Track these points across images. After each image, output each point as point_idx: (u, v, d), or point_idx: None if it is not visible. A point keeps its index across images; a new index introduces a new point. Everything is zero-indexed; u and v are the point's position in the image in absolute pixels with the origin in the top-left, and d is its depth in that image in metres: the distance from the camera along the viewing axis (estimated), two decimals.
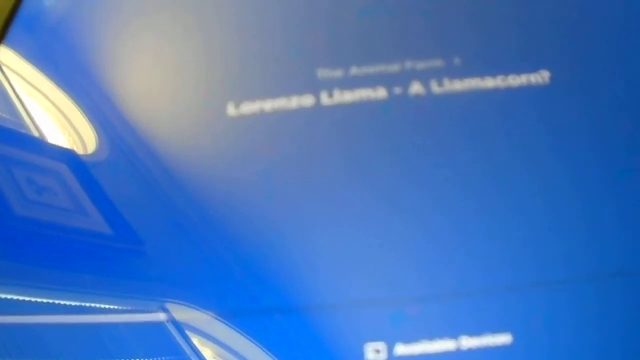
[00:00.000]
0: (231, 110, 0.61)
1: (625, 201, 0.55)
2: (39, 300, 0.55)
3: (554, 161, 0.57)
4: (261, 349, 0.51)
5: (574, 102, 0.60)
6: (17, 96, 0.67)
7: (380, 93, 0.60)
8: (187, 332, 0.52)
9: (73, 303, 0.54)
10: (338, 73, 0.62)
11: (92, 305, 0.54)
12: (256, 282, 0.53)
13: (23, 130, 0.65)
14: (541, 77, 0.61)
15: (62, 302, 0.54)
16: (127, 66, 0.67)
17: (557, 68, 0.61)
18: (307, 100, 0.61)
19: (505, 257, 0.52)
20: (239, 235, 0.56)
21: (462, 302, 0.51)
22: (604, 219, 0.54)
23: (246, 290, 0.53)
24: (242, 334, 0.52)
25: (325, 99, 0.60)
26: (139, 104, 0.64)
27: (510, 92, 0.60)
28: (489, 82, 0.61)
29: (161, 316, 0.53)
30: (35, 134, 0.64)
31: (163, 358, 0.52)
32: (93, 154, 0.62)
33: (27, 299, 0.55)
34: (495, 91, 0.60)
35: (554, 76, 0.61)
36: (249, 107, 0.61)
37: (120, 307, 0.54)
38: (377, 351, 0.50)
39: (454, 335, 0.50)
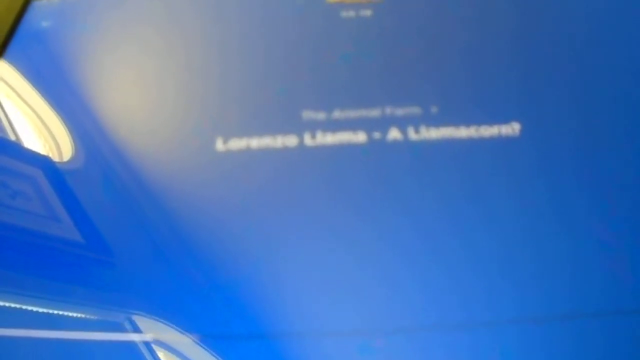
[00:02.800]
0: (219, 145, 0.64)
1: (578, 248, 0.58)
2: (5, 305, 0.56)
3: (514, 209, 0.60)
4: None
5: (542, 153, 0.63)
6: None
7: (360, 137, 0.64)
8: (153, 346, 0.54)
9: (40, 310, 0.56)
10: (321, 116, 0.65)
11: (61, 313, 0.55)
12: (230, 307, 0.56)
13: (0, 135, 0.67)
14: (512, 128, 0.64)
15: (29, 309, 0.56)
16: (117, 89, 0.70)
17: (527, 120, 0.64)
18: (291, 140, 0.64)
19: (464, 298, 0.55)
20: (213, 259, 0.58)
21: (426, 335, 0.54)
22: (555, 264, 0.57)
23: (220, 315, 0.55)
24: (211, 354, 0.53)
25: (308, 140, 0.64)
26: (125, 127, 0.67)
27: (482, 141, 0.63)
28: (463, 132, 0.64)
29: (129, 329, 0.54)
30: (13, 139, 0.67)
31: None
32: (70, 164, 0.64)
33: None
34: (468, 140, 0.63)
35: (524, 128, 0.64)
36: (237, 144, 0.64)
37: (89, 317, 0.56)
38: None
39: None
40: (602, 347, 0.54)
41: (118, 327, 0.55)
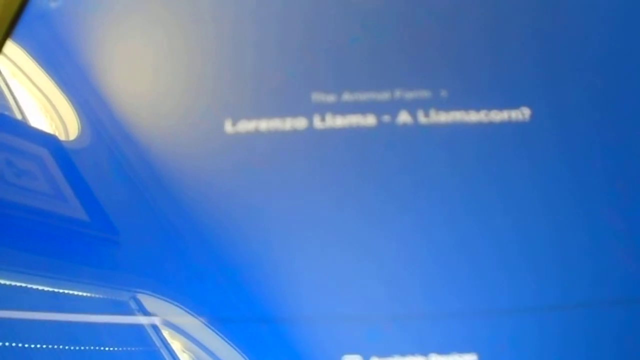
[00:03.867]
0: (228, 127, 0.64)
1: (595, 236, 0.58)
2: (11, 283, 0.56)
3: (529, 194, 0.60)
4: (239, 353, 0.53)
5: (551, 140, 0.63)
6: (6, 82, 0.69)
7: (370, 120, 0.64)
8: (158, 324, 0.54)
9: (46, 288, 0.56)
10: (331, 98, 0.65)
11: (66, 292, 0.56)
12: (239, 290, 0.56)
13: (7, 114, 0.67)
14: (522, 113, 0.64)
15: (35, 287, 0.56)
16: (124, 69, 0.70)
17: (538, 106, 0.64)
18: (301, 123, 0.64)
19: (475, 283, 0.55)
20: (221, 242, 0.58)
21: (434, 322, 0.54)
22: (573, 251, 0.57)
23: (229, 298, 0.56)
24: (218, 335, 0.54)
25: (317, 123, 0.64)
26: (133, 106, 0.67)
27: (491, 126, 0.63)
28: (473, 116, 0.64)
29: (134, 308, 0.55)
30: (20, 118, 0.67)
31: (132, 348, 0.54)
32: (76, 143, 0.64)
33: None
34: (478, 125, 0.63)
35: (534, 113, 0.64)
36: (245, 126, 0.64)
37: (93, 295, 0.56)
38: None
39: (424, 352, 0.53)
40: (620, 335, 0.54)
41: (125, 309, 0.55)
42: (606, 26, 0.72)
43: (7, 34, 0.74)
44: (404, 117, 0.64)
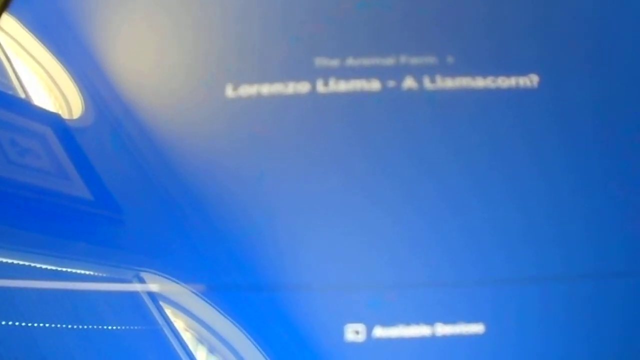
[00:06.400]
0: (229, 91, 0.63)
1: (598, 205, 0.57)
2: (14, 262, 0.55)
3: (531, 163, 0.59)
4: (239, 326, 0.53)
5: (558, 107, 0.62)
6: (8, 59, 0.68)
7: (374, 85, 0.62)
8: (161, 302, 0.54)
9: (49, 267, 0.55)
10: (335, 63, 0.64)
11: (69, 270, 0.55)
12: (241, 259, 0.55)
13: (10, 92, 0.66)
14: (529, 80, 0.63)
15: (38, 266, 0.55)
16: (126, 41, 0.68)
17: (545, 73, 0.63)
18: (304, 87, 0.62)
19: (480, 253, 0.54)
20: (222, 212, 0.57)
21: (439, 291, 0.53)
22: (576, 221, 0.56)
23: (229, 268, 0.55)
24: (218, 310, 0.53)
25: (321, 87, 0.62)
26: (134, 77, 0.66)
27: (498, 92, 0.62)
28: (479, 82, 0.62)
29: (137, 286, 0.54)
30: (23, 96, 0.65)
31: (135, 326, 0.53)
32: (80, 121, 0.63)
33: (1, 260, 0.55)
34: (485, 91, 0.62)
35: (541, 80, 0.63)
36: (247, 90, 0.63)
37: (96, 274, 0.55)
38: (357, 332, 0.52)
39: (430, 322, 0.52)
40: (624, 307, 0.53)
41: (118, 278, 0.55)
42: None
43: (4, 7, 0.73)
44: (409, 83, 0.62)
